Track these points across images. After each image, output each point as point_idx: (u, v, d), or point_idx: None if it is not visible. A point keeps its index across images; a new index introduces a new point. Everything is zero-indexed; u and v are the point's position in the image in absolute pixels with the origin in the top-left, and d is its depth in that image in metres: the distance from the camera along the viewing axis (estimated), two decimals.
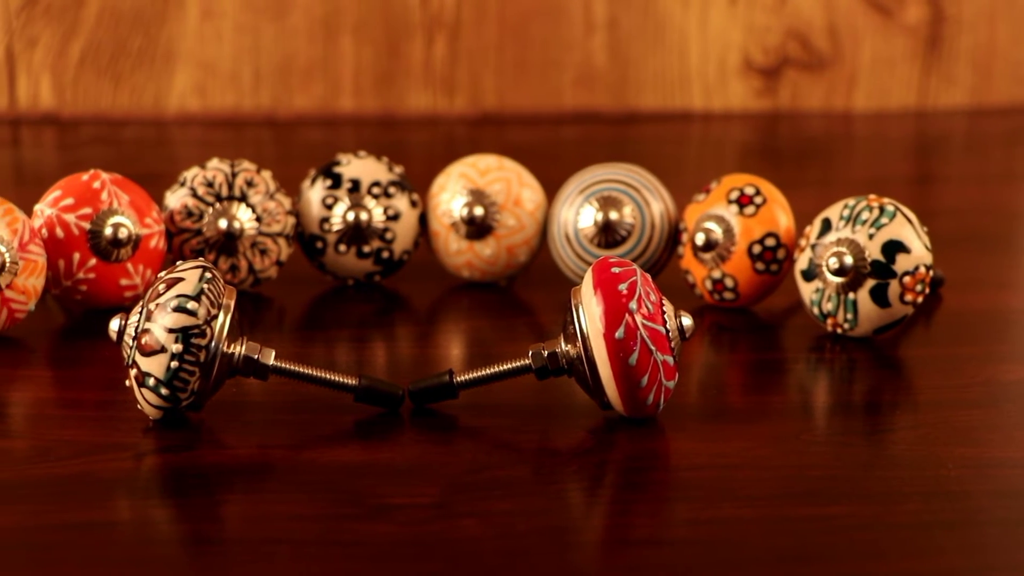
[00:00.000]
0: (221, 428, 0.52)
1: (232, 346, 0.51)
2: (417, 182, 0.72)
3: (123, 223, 0.63)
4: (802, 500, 0.46)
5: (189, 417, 0.52)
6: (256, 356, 0.51)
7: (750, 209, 0.65)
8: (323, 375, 0.52)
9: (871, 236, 0.60)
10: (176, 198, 0.67)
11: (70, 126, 1.19)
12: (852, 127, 1.26)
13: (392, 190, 0.69)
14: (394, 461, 0.49)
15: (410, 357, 0.63)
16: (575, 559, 0.42)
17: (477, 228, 0.69)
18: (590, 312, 0.50)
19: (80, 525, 0.43)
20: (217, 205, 0.67)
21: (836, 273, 0.61)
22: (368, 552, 0.42)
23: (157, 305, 0.49)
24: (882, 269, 0.60)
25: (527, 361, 0.52)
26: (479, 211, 0.69)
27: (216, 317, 0.49)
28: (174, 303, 0.49)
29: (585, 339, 0.50)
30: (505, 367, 0.53)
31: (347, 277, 0.71)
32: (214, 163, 0.68)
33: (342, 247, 0.69)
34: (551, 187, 0.71)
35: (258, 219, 0.67)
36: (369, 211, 0.68)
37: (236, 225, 0.66)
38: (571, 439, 0.51)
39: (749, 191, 0.65)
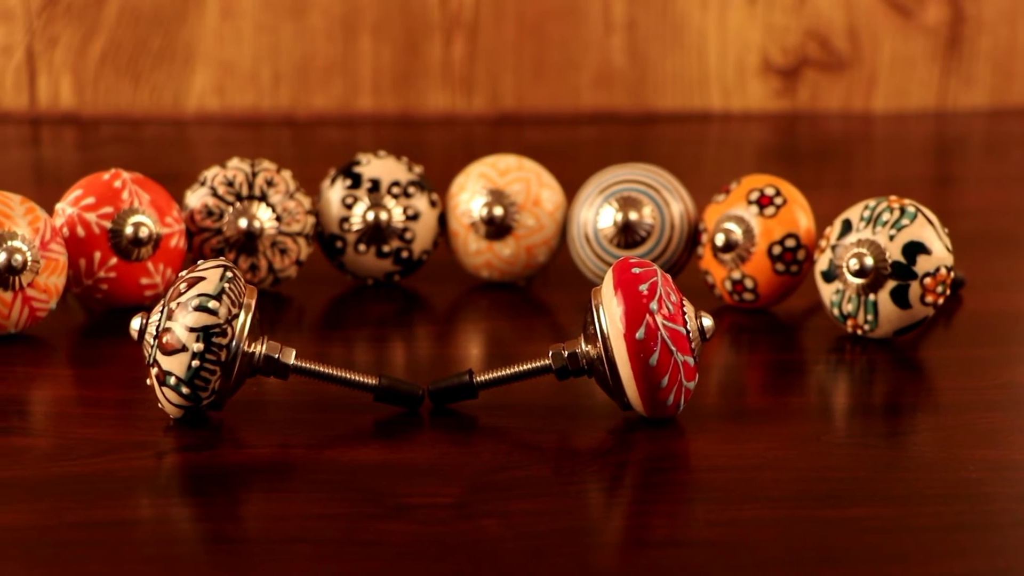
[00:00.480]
0: (241, 427, 0.52)
1: (253, 345, 0.51)
2: (436, 182, 0.72)
3: (144, 222, 0.64)
4: (822, 502, 0.46)
5: (210, 416, 0.52)
6: (276, 355, 0.51)
7: (770, 210, 0.65)
8: (343, 374, 0.52)
9: (892, 237, 0.60)
10: (196, 197, 0.67)
11: (90, 125, 1.19)
12: (872, 128, 1.26)
13: (412, 190, 0.69)
14: (414, 461, 0.49)
15: (429, 357, 0.63)
16: (595, 560, 0.42)
17: (496, 228, 0.69)
18: (610, 312, 0.50)
19: (101, 523, 0.43)
20: (237, 204, 0.67)
21: (856, 274, 0.61)
22: (388, 552, 0.42)
23: (178, 304, 0.49)
24: (903, 270, 0.60)
25: (547, 361, 0.52)
26: (499, 211, 0.69)
27: (237, 316, 0.50)
28: (195, 302, 0.49)
29: (605, 339, 0.50)
30: (525, 367, 0.53)
31: (367, 277, 0.71)
32: (234, 162, 0.68)
33: (362, 247, 0.69)
34: (569, 187, 0.71)
35: (278, 218, 0.67)
36: (389, 211, 0.69)
37: (256, 224, 0.67)
38: (591, 440, 0.51)
39: (769, 192, 0.65)
